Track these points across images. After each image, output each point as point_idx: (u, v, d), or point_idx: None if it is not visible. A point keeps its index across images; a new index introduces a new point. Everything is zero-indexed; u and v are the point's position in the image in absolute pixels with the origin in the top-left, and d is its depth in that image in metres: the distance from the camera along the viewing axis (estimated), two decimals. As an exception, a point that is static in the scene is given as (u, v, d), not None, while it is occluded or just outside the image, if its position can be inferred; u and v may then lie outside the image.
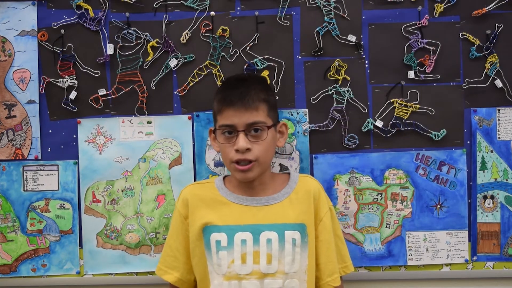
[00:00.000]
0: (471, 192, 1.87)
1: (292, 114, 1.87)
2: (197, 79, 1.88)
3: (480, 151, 1.86)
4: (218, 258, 1.54)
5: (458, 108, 1.86)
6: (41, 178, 1.88)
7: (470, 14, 1.85)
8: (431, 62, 1.85)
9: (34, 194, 1.89)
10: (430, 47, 1.85)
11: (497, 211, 1.87)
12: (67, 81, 1.87)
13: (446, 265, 1.88)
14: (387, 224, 1.87)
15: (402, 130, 1.86)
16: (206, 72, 1.87)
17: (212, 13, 1.86)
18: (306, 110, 1.87)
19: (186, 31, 1.86)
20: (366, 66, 1.87)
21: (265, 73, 1.86)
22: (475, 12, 1.84)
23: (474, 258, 1.88)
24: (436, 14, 1.85)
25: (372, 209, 1.87)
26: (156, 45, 1.87)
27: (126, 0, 1.85)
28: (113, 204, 1.89)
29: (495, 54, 1.85)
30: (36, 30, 1.87)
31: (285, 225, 1.55)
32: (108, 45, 1.86)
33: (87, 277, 1.89)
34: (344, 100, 1.86)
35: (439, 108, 1.86)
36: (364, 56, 1.87)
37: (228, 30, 1.86)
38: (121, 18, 1.87)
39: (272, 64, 1.87)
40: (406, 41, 1.86)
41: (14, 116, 1.88)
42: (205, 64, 1.87)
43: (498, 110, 1.86)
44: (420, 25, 1.85)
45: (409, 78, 1.86)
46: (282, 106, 1.84)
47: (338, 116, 1.87)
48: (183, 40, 1.86)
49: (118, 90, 1.88)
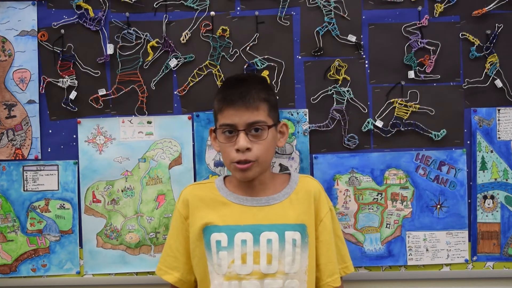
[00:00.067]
0: (471, 192, 1.87)
1: (292, 114, 1.87)
2: (197, 79, 1.87)
3: (480, 151, 1.86)
4: (218, 258, 1.54)
5: (458, 108, 1.86)
6: (41, 178, 1.88)
7: (470, 14, 1.85)
8: (431, 62, 1.85)
9: (34, 194, 1.89)
10: (430, 47, 1.85)
11: (497, 211, 1.87)
12: (67, 81, 1.87)
13: (446, 265, 1.88)
14: (387, 224, 1.87)
15: (402, 130, 1.86)
16: (206, 72, 1.87)
17: (212, 13, 1.86)
18: (306, 110, 1.87)
19: (186, 31, 1.86)
20: (366, 66, 1.87)
21: (265, 73, 1.86)
22: (475, 12, 1.84)
23: (474, 258, 1.88)
24: (436, 14, 1.85)
25: (372, 209, 1.87)
26: (156, 45, 1.87)
27: (126, 0, 1.85)
28: (113, 204, 1.89)
29: (495, 54, 1.85)
30: (36, 30, 1.87)
31: (285, 225, 1.55)
32: (108, 45, 1.86)
33: (87, 277, 1.89)
34: (344, 100, 1.86)
35: (439, 108, 1.86)
36: (364, 56, 1.87)
37: (228, 30, 1.86)
38: (121, 18, 1.87)
39: (272, 64, 1.86)
40: (406, 41, 1.86)
41: (14, 116, 1.88)
42: (205, 64, 1.87)
43: (498, 110, 1.86)
44: (420, 25, 1.85)
45: (409, 78, 1.86)
46: (282, 106, 1.84)
47: (338, 116, 1.87)
48: (183, 40, 1.86)
49: (118, 90, 1.88)
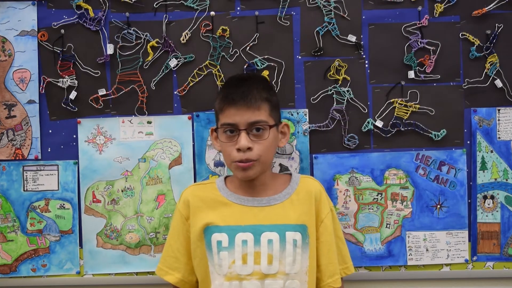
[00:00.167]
0: (471, 192, 1.87)
1: (292, 114, 1.87)
2: (197, 79, 1.87)
3: (480, 151, 1.86)
4: (219, 258, 1.54)
5: (458, 108, 1.86)
6: (41, 178, 1.88)
7: (470, 14, 1.85)
8: (431, 62, 1.85)
9: (34, 194, 1.89)
10: (430, 47, 1.85)
11: (497, 211, 1.87)
12: (67, 81, 1.87)
13: (446, 265, 1.88)
14: (387, 224, 1.87)
15: (402, 130, 1.86)
16: (206, 72, 1.87)
17: (212, 13, 1.86)
18: (306, 110, 1.87)
19: (186, 31, 1.86)
20: (366, 66, 1.87)
21: (265, 73, 1.86)
22: (475, 12, 1.85)
23: (474, 258, 1.88)
24: (436, 14, 1.85)
25: (372, 209, 1.87)
26: (156, 45, 1.87)
27: (126, 0, 1.85)
28: (113, 204, 1.89)
29: (495, 54, 1.85)
30: (36, 30, 1.87)
31: (286, 225, 1.55)
32: (108, 45, 1.86)
33: (87, 277, 1.89)
34: (344, 100, 1.86)
35: (439, 108, 1.86)
36: (364, 56, 1.87)
37: (228, 30, 1.86)
38: (121, 18, 1.87)
39: (272, 64, 1.86)
40: (406, 41, 1.86)
41: (14, 116, 1.88)
42: (205, 64, 1.87)
43: (498, 110, 1.86)
44: (420, 25, 1.85)
45: (409, 78, 1.86)
46: (282, 106, 1.83)
47: (338, 116, 1.87)
48: (183, 40, 1.86)
49: (118, 90, 1.87)
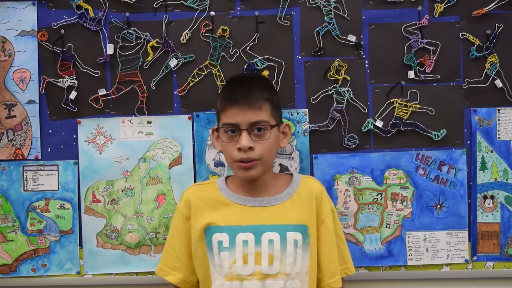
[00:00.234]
0: (471, 192, 1.87)
1: (292, 114, 1.87)
2: (197, 79, 1.87)
3: (480, 151, 1.86)
4: (220, 258, 1.54)
5: (458, 108, 1.87)
6: (41, 178, 1.88)
7: (470, 14, 1.85)
8: (431, 62, 1.85)
9: (34, 194, 1.89)
10: (430, 47, 1.85)
11: (497, 211, 1.87)
12: (67, 81, 1.87)
13: (446, 265, 1.88)
14: (387, 224, 1.87)
15: (402, 130, 1.86)
16: (206, 72, 1.87)
17: (212, 13, 1.86)
18: (306, 110, 1.87)
19: (186, 31, 1.86)
20: (366, 66, 1.87)
21: (265, 73, 1.86)
22: (475, 12, 1.85)
23: (474, 258, 1.88)
24: (436, 14, 1.85)
25: (372, 209, 1.87)
26: (156, 45, 1.87)
27: (126, 0, 1.85)
28: (113, 204, 1.89)
29: (495, 54, 1.85)
30: (36, 30, 1.87)
31: (286, 226, 1.55)
32: (108, 45, 1.86)
33: (87, 277, 1.89)
34: (344, 100, 1.86)
35: (439, 108, 1.86)
36: (364, 56, 1.87)
37: (228, 30, 1.86)
38: (121, 18, 1.87)
39: (272, 64, 1.86)
40: (406, 41, 1.86)
41: (14, 116, 1.88)
42: (205, 64, 1.87)
43: (498, 110, 1.87)
44: (420, 25, 1.85)
45: (409, 78, 1.86)
46: (282, 106, 1.82)
47: (338, 116, 1.87)
48: (183, 40, 1.86)
49: (118, 90, 1.87)
